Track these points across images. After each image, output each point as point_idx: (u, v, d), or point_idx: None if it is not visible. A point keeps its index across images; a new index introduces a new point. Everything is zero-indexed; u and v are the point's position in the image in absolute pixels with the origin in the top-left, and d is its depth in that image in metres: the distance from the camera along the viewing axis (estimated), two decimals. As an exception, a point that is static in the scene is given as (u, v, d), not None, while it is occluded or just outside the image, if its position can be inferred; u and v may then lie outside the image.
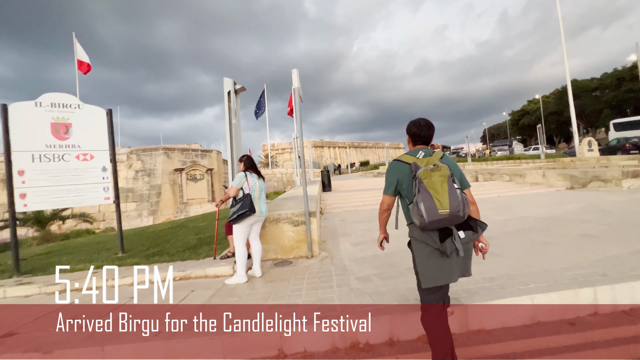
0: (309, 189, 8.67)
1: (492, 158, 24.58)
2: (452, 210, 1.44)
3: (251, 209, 3.19)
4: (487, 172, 11.81)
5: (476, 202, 1.73)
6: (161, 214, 14.97)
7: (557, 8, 20.79)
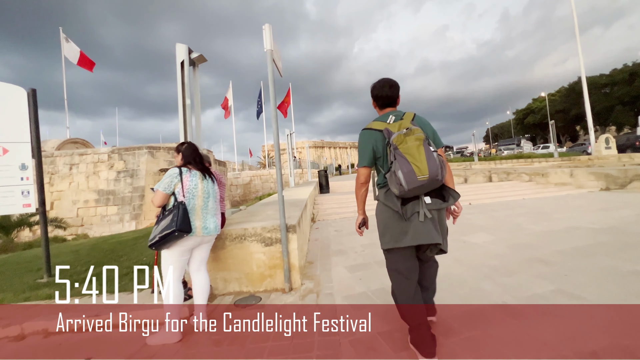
0: (302, 191, 7.46)
1: (501, 157, 23.32)
2: (431, 174, 1.40)
3: (183, 226, 1.99)
4: (503, 172, 10.58)
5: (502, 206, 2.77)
6: (145, 218, 13.77)
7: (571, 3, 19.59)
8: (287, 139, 11.14)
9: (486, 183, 10.32)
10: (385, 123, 1.57)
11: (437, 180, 1.43)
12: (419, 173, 1.39)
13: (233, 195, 24.69)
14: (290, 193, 6.53)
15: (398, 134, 1.47)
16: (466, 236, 4.04)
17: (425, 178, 1.39)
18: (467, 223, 4.84)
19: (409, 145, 1.43)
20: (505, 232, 4.13)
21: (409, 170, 1.40)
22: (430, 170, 1.39)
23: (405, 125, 1.50)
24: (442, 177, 1.44)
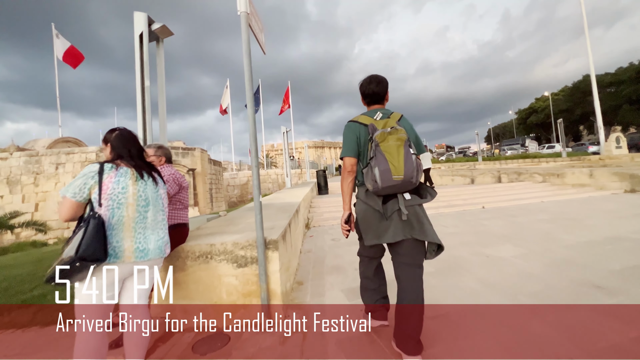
0: (296, 193, 6.80)
1: (505, 157, 22.64)
2: (405, 176, 1.43)
3: (90, 251, 1.32)
4: (514, 172, 9.91)
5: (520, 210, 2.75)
6: (134, 221, 13.13)
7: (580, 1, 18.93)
8: (283, 137, 10.48)
9: (495, 184, 9.65)
10: (372, 119, 1.60)
11: (410, 182, 1.46)
12: (394, 172, 1.42)
13: (230, 196, 24.04)
14: (282, 195, 5.87)
15: (382, 131, 1.49)
16: (488, 248, 3.38)
17: (399, 178, 1.42)
18: (486, 230, 4.17)
19: (390, 144, 1.46)
20: (534, 242, 3.46)
21: (385, 168, 1.43)
22: (406, 171, 1.42)
23: (391, 124, 1.52)
24: (416, 180, 1.47)
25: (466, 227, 4.50)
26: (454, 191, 8.06)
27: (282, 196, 5.77)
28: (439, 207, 6.13)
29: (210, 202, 16.36)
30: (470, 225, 4.56)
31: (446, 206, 6.18)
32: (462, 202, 6.54)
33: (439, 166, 25.22)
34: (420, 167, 1.49)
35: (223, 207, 18.51)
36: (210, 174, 16.74)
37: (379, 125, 1.54)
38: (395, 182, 1.42)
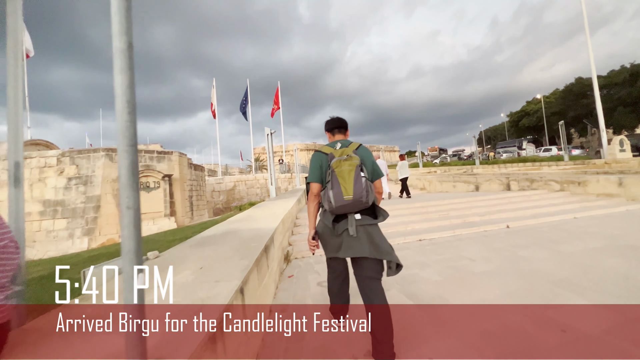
0: (277, 208, 5.51)
1: (504, 161, 21.84)
2: (355, 196, 1.63)
3: None
4: (525, 179, 8.86)
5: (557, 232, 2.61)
6: (100, 233, 11.64)
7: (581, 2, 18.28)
8: (267, 140, 9.25)
9: (505, 192, 8.59)
10: (332, 149, 1.83)
11: (360, 201, 1.65)
12: (345, 193, 1.64)
13: (215, 202, 22.59)
14: (258, 214, 4.63)
15: (338, 159, 1.73)
16: (554, 311, 2.19)
17: (350, 198, 1.64)
18: (531, 270, 3.00)
19: (343, 169, 1.69)
20: (620, 296, 2.30)
21: (338, 190, 1.66)
22: (355, 192, 1.64)
23: (347, 153, 1.76)
24: (366, 200, 1.66)
25: (500, 261, 3.33)
26: (463, 202, 6.94)
27: (257, 214, 4.53)
28: (454, 225, 4.98)
29: (190, 210, 14.95)
30: (504, 258, 3.40)
31: (462, 225, 5.02)
32: (479, 218, 5.40)
33: (435, 170, 24.28)
34: (370, 188, 1.70)
35: (205, 216, 17.10)
36: (191, 179, 15.34)
37: (337, 153, 1.78)
38: (346, 201, 1.64)
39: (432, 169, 24.73)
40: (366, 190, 1.65)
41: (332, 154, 1.78)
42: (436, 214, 5.82)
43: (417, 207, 6.61)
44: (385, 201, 8.41)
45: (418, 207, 6.71)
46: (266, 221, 3.79)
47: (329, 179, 1.73)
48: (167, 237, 6.89)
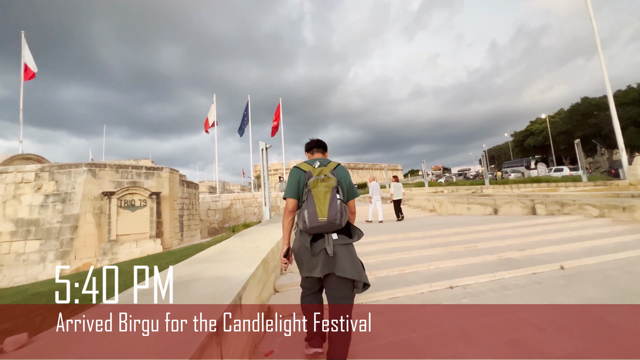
0: (266, 235, 4.39)
1: (514, 181, 20.74)
2: (329, 218, 1.66)
3: None
4: (554, 202, 7.77)
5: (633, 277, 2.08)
6: (76, 257, 10.50)
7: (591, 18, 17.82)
8: (261, 155, 8.30)
9: (532, 218, 7.48)
10: (311, 166, 1.84)
11: (334, 223, 1.68)
12: (319, 215, 1.66)
13: (211, 221, 21.45)
14: (236, 247, 3.55)
15: (315, 179, 1.74)
16: None
17: (324, 220, 1.66)
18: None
19: (319, 190, 1.71)
20: None
21: (312, 211, 1.68)
22: (330, 214, 1.66)
23: (325, 173, 1.77)
24: (340, 222, 1.69)
25: (584, 332, 2.21)
26: (488, 230, 5.85)
27: (234, 249, 3.45)
28: (490, 264, 3.86)
29: (180, 231, 13.83)
30: (590, 328, 2.28)
31: (500, 263, 3.91)
32: (519, 254, 4.29)
33: (441, 189, 23.19)
34: (345, 210, 1.74)
35: (197, 237, 15.93)
36: (182, 197, 14.32)
37: (315, 172, 1.78)
38: (320, 222, 1.66)
39: (439, 189, 23.63)
40: (340, 212, 1.69)
41: (310, 172, 1.79)
42: (461, 246, 4.72)
43: (435, 236, 5.52)
44: (397, 226, 7.31)
45: (436, 235, 5.61)
46: (241, 263, 2.71)
47: (304, 198, 1.75)
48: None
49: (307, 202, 1.71)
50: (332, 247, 1.72)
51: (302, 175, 1.82)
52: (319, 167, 1.81)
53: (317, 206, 1.67)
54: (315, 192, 1.70)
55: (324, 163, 1.86)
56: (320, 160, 1.89)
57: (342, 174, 1.86)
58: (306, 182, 1.77)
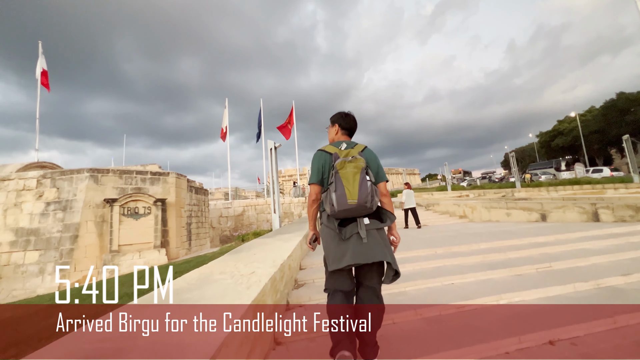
0: (270, 250, 3.41)
1: (549, 183, 18.89)
2: (359, 200, 1.55)
3: None
4: (624, 206, 6.32)
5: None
6: (76, 268, 9.83)
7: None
8: (270, 155, 7.34)
9: (596, 225, 6.10)
10: (337, 149, 1.74)
11: (365, 206, 1.56)
12: (349, 197, 1.55)
13: (222, 229, 20.72)
14: (225, 271, 2.52)
15: (342, 160, 1.63)
16: None
17: (354, 202, 1.55)
18: None
19: (348, 171, 1.59)
20: None
21: (341, 193, 1.56)
22: (360, 196, 1.55)
23: (352, 154, 1.67)
24: (371, 205, 1.58)
25: None
26: (551, 242, 4.60)
27: (224, 274, 2.43)
28: (581, 292, 2.63)
29: (188, 240, 13.04)
30: None
31: (604, 296, 2.68)
32: (623, 280, 3.02)
33: (467, 193, 21.56)
34: (376, 192, 1.63)
35: (207, 246, 15.14)
36: (190, 204, 13.58)
37: (342, 154, 1.69)
38: (350, 205, 1.55)
39: (464, 193, 22.00)
40: (371, 194, 1.59)
41: (336, 154, 1.71)
42: (530, 267, 3.50)
43: (486, 251, 4.30)
44: (431, 238, 6.11)
45: (486, 250, 4.40)
46: (218, 309, 1.67)
47: (331, 180, 1.64)
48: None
49: (335, 184, 1.60)
50: (366, 231, 1.60)
51: (327, 158, 1.74)
52: (345, 149, 1.73)
53: (345, 188, 1.56)
54: (343, 173, 1.59)
55: (350, 145, 1.77)
56: (347, 143, 1.80)
57: (371, 155, 1.78)
58: (332, 164, 1.67)
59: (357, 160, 1.62)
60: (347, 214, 1.59)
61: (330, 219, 1.68)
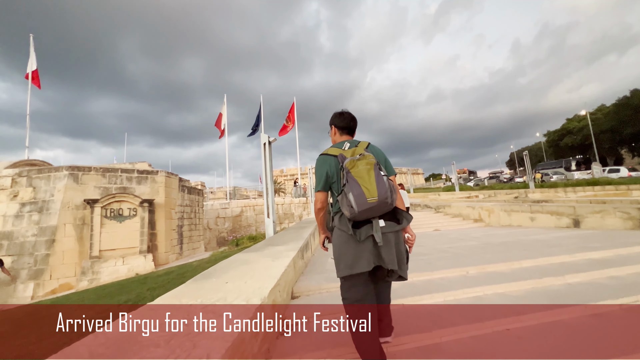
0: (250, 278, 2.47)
1: (564, 184, 17.78)
2: (380, 197, 1.44)
3: None
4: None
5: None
6: (52, 276, 8.93)
7: None
8: (263, 150, 6.40)
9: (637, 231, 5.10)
10: (340, 149, 1.66)
11: (386, 202, 1.46)
12: (368, 195, 1.44)
13: (220, 230, 19.82)
14: (181, 313, 1.59)
15: (351, 159, 1.54)
16: None
17: (374, 200, 1.44)
18: None
19: (360, 169, 1.50)
20: None
21: (359, 192, 1.45)
22: (380, 192, 1.44)
23: (359, 152, 1.59)
24: (391, 200, 1.49)
25: None
26: (610, 257, 3.64)
27: (173, 318, 1.47)
28: None
29: (179, 244, 12.13)
30: None
31: None
32: None
33: (476, 194, 20.51)
34: (393, 187, 1.52)
35: (201, 249, 14.22)
36: (182, 205, 12.66)
37: (348, 154, 1.60)
38: (370, 204, 1.44)
39: (472, 193, 20.96)
40: (390, 189, 1.48)
41: (341, 154, 1.61)
42: (612, 303, 2.51)
43: (532, 270, 3.32)
44: (458, 249, 5.13)
45: (531, 268, 3.41)
46: None
47: (344, 182, 1.53)
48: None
49: (349, 184, 1.48)
50: (381, 234, 1.49)
51: (332, 161, 1.64)
52: (350, 148, 1.64)
53: (362, 186, 1.44)
54: (355, 172, 1.48)
55: (354, 143, 1.69)
56: (350, 142, 1.70)
57: (377, 151, 1.73)
58: (341, 165, 1.56)
59: (367, 157, 1.55)
60: (369, 214, 1.49)
61: (342, 221, 1.59)
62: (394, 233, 1.55)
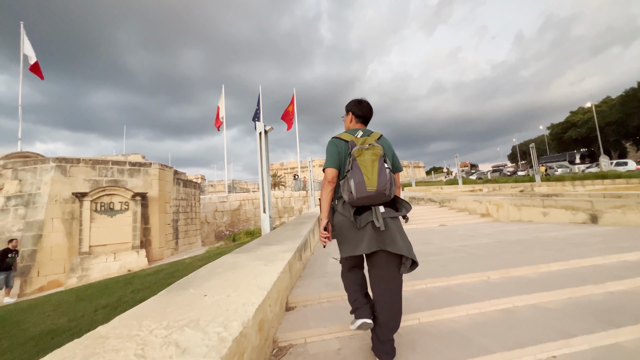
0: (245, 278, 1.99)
1: (572, 177, 17.29)
2: (379, 188, 1.50)
3: None
4: None
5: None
6: (39, 273, 8.55)
7: None
8: (258, 139, 5.93)
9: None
10: (353, 136, 1.70)
11: (384, 194, 1.52)
12: (368, 184, 1.50)
13: (218, 224, 19.44)
14: (137, 341, 1.16)
15: (360, 147, 1.59)
16: None
17: (373, 190, 1.50)
18: None
19: (366, 158, 1.55)
20: None
21: (360, 180, 1.51)
22: (379, 183, 1.50)
23: (369, 142, 1.62)
24: (389, 192, 1.54)
25: None
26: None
27: (127, 351, 1.03)
28: None
29: (175, 239, 11.73)
30: None
31: None
32: None
33: (479, 187, 20.07)
34: (394, 181, 1.57)
35: (198, 244, 13.84)
36: (177, 199, 12.23)
37: (358, 142, 1.64)
38: (369, 193, 1.50)
39: (476, 187, 20.51)
40: (390, 182, 1.54)
41: (352, 141, 1.66)
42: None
43: (564, 277, 2.88)
44: (472, 247, 4.68)
45: (563, 273, 2.98)
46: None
47: (349, 167, 1.59)
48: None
49: (353, 171, 1.55)
50: (382, 219, 1.56)
51: (343, 145, 1.70)
52: (362, 137, 1.69)
53: (364, 175, 1.51)
54: (360, 160, 1.54)
55: (367, 133, 1.75)
56: (363, 130, 1.77)
57: (387, 144, 1.77)
58: (349, 151, 1.62)
59: (375, 148, 1.58)
60: (366, 202, 1.55)
61: (345, 207, 1.65)
62: (393, 219, 1.62)
